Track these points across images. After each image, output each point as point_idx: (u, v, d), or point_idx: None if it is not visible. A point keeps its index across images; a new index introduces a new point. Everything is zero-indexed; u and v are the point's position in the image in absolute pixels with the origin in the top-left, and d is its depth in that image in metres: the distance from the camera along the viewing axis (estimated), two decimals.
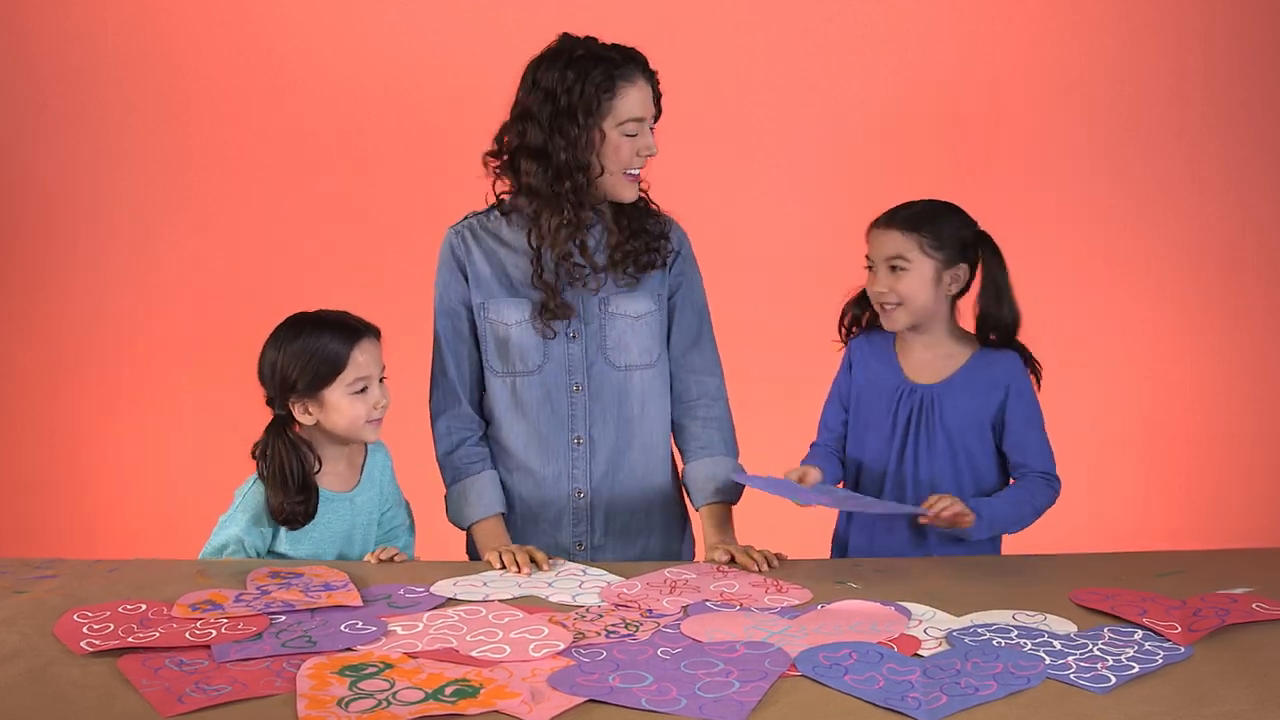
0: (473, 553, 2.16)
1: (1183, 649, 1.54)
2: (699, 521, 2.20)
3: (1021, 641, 1.57)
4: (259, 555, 2.02)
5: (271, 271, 3.56)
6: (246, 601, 1.72)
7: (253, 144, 3.55)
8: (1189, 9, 3.53)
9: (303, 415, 2.02)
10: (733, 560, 1.97)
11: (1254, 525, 3.52)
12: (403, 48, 3.52)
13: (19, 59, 3.52)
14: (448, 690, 1.40)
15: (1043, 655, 1.51)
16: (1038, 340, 2.13)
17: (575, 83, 1.97)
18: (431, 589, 1.81)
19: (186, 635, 1.58)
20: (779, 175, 3.57)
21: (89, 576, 1.87)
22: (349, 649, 1.55)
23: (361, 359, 2.01)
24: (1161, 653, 1.52)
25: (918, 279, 2.05)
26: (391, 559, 2.00)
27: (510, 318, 2.10)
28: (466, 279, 2.13)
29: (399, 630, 1.62)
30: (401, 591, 1.80)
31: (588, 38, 2.04)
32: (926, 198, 2.10)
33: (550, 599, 1.78)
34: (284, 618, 1.66)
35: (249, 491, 2.03)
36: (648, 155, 2.04)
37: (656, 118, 2.08)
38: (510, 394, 2.12)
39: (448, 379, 2.16)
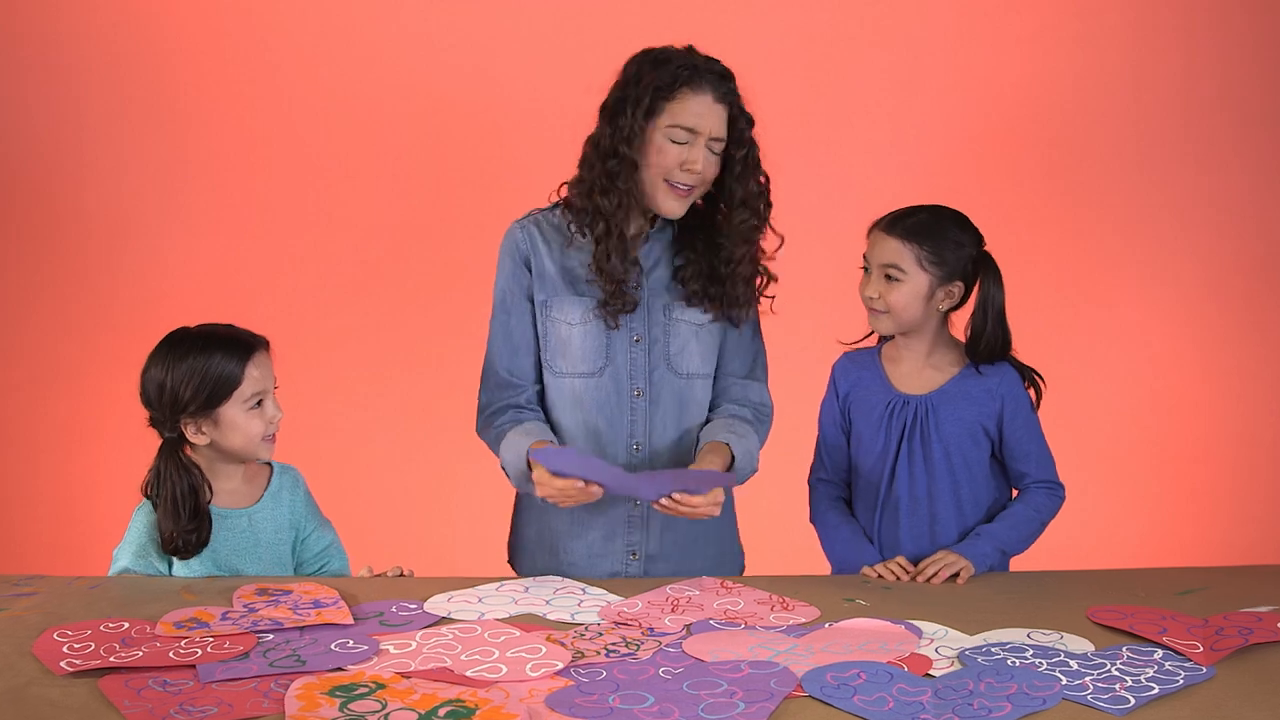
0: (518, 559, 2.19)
1: (1204, 669, 1.51)
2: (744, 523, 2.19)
3: (1037, 661, 1.53)
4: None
5: (271, 274, 3.54)
6: (233, 619, 1.68)
7: (251, 146, 3.53)
8: (1198, 7, 3.50)
9: (195, 436, 1.98)
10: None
11: (1276, 538, 3.47)
12: (404, 48, 3.50)
13: (9, 60, 3.49)
14: (442, 711, 1.37)
15: (1059, 675, 1.48)
16: (1043, 347, 2.12)
17: (643, 77, 1.96)
18: (425, 606, 1.78)
19: (171, 654, 1.54)
20: (779, 179, 3.55)
21: (69, 594, 1.83)
22: (339, 668, 1.51)
23: (256, 373, 1.98)
24: (1182, 673, 1.49)
25: (910, 292, 2.03)
26: (403, 574, 1.97)
27: (573, 316, 2.06)
28: (531, 272, 2.09)
29: (391, 649, 1.58)
30: (394, 609, 1.76)
31: (693, 52, 2.00)
32: (932, 204, 2.07)
33: (548, 617, 1.75)
34: (272, 636, 1.63)
35: (132, 524, 1.99)
36: (692, 171, 1.97)
37: (734, 148, 2.00)
38: (570, 396, 2.08)
39: (498, 375, 2.11)
